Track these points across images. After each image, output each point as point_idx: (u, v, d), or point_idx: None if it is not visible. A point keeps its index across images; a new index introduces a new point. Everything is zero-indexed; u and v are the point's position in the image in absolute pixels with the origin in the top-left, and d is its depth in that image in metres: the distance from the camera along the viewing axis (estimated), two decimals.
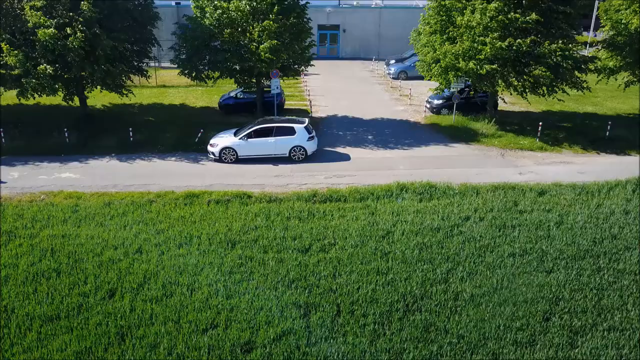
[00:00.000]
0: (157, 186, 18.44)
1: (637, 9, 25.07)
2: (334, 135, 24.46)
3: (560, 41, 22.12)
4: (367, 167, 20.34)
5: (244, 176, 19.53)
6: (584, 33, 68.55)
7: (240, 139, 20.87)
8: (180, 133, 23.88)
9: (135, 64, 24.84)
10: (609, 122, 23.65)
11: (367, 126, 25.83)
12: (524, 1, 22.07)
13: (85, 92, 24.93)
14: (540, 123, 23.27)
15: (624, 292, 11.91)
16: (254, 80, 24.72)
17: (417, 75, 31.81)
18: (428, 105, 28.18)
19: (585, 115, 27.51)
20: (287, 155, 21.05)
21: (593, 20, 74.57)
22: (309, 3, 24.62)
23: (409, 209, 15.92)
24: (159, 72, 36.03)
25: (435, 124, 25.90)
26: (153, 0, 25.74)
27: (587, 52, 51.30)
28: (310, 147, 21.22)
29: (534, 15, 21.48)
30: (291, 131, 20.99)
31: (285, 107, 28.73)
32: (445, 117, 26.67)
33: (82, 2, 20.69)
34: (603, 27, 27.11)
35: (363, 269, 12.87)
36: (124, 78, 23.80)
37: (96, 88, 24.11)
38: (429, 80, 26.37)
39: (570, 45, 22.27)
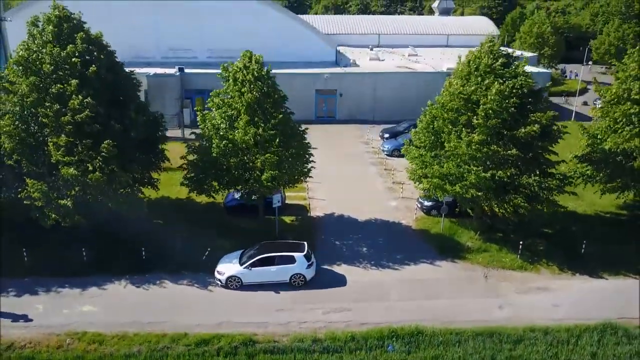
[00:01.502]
0: (171, 325, 20.37)
1: (611, 125, 26.96)
2: (330, 245, 26.41)
3: (537, 171, 24.13)
4: (362, 297, 22.30)
5: (248, 308, 21.51)
6: (573, 76, 70.16)
7: (244, 267, 22.83)
8: (190, 246, 25.72)
9: (146, 177, 26.70)
10: (584, 241, 25.58)
11: (362, 232, 27.79)
12: (505, 133, 24.01)
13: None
14: (521, 242, 25.30)
15: None
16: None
17: None
18: (419, 205, 30.16)
19: (565, 214, 29.09)
20: (288, 281, 23.03)
21: (585, 57, 76.68)
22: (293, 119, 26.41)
23: None
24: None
25: (426, 230, 27.92)
26: (163, 117, 27.65)
27: (575, 102, 53.37)
28: (309, 274, 23.18)
29: (514, 151, 23.49)
30: (291, 260, 22.96)
31: (287, 201, 30.73)
32: (434, 220, 28.70)
33: (102, 145, 22.54)
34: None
35: None
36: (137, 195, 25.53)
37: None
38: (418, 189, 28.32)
39: (547, 177, 24.20)
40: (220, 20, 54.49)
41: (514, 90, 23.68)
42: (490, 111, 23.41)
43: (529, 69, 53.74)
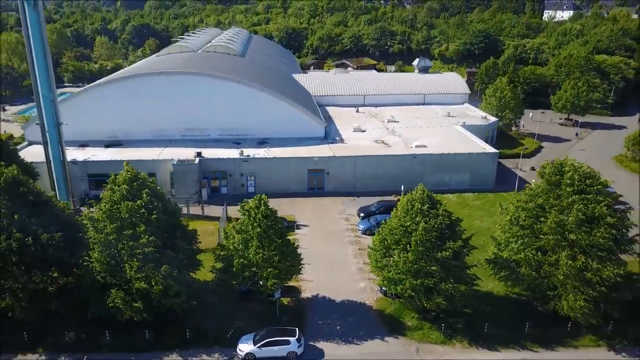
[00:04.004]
0: None
1: (507, 239, 38.57)
2: (315, 325, 38.13)
3: (452, 279, 35.82)
4: None
5: None
6: (522, 127, 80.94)
7: (257, 347, 34.66)
8: (218, 325, 37.42)
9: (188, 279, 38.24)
10: (486, 324, 37.32)
11: (337, 312, 39.54)
12: (429, 254, 35.67)
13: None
14: (443, 324, 37.10)
15: None
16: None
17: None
18: (379, 288, 41.90)
19: (482, 295, 40.70)
20: (286, 356, 34.84)
21: (531, 114, 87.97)
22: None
23: None
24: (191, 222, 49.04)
25: (382, 310, 39.71)
26: (197, 233, 39.27)
27: (519, 166, 64.51)
28: (300, 350, 35.01)
29: (435, 267, 35.25)
30: (287, 342, 34.81)
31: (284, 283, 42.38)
32: (389, 300, 40.41)
33: (162, 268, 34.25)
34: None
35: None
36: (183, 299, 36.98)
37: None
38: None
39: (459, 283, 35.86)
40: (229, 104, 66.40)
41: (436, 226, 35.40)
42: (419, 241, 35.17)
43: (481, 146, 64.95)
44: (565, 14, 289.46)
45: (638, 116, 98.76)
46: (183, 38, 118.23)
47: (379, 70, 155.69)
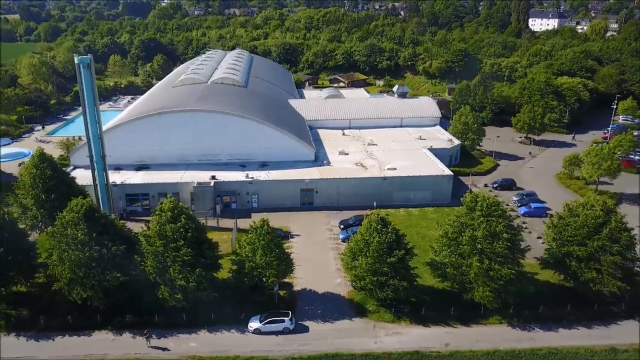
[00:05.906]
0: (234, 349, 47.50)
1: (440, 247, 53.83)
2: (303, 310, 53.41)
3: (398, 277, 51.03)
4: (315, 337, 49.37)
5: (264, 342, 48.61)
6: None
7: (262, 324, 50.01)
8: (233, 310, 52.63)
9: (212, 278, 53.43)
10: (424, 308, 52.63)
11: (320, 301, 54.83)
12: (382, 259, 50.87)
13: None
14: (394, 309, 52.40)
15: None
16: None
17: None
18: (349, 283, 57.16)
19: (425, 288, 56.00)
20: (281, 330, 50.16)
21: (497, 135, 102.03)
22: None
23: None
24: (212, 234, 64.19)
25: (351, 299, 55.02)
26: (218, 246, 54.53)
27: (470, 181, 79.86)
28: (292, 326, 50.34)
29: (386, 268, 50.49)
30: (283, 321, 50.16)
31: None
32: (356, 293, 55.70)
33: (196, 271, 49.41)
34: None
35: None
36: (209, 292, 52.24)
37: None
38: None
39: (403, 280, 51.05)
40: (237, 134, 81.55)
41: (386, 240, 50.62)
42: (374, 250, 50.42)
43: (441, 168, 79.59)
44: (550, 23, 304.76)
45: (573, 135, 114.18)
46: (190, 56, 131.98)
47: (369, 84, 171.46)
